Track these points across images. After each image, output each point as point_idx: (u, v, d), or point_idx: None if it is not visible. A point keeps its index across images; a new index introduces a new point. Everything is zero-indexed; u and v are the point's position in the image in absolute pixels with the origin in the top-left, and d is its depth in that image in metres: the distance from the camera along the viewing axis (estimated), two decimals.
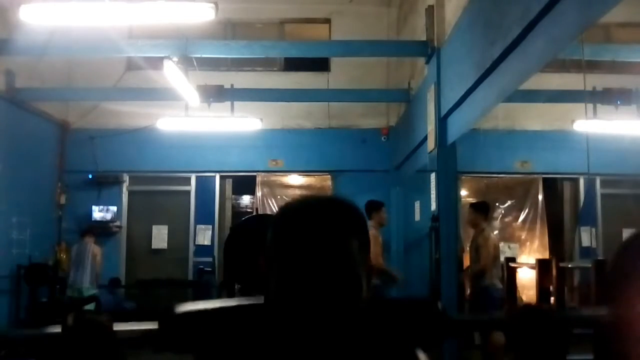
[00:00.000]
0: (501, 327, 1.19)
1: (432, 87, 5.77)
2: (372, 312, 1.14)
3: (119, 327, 1.11)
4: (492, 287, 5.74)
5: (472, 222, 6.34)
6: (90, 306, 7.15)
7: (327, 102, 9.19)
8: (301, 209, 1.09)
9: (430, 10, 5.96)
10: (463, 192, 8.70)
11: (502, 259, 6.11)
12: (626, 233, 4.18)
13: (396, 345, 1.14)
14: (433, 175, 5.75)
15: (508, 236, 8.99)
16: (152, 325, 1.17)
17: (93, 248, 7.85)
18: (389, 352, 1.13)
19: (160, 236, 9.35)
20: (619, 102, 7.12)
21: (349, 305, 1.03)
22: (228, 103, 7.89)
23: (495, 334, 5.76)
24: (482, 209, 6.40)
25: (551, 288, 4.83)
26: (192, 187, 9.56)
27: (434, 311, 1.22)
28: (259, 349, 1.09)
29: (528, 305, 1.17)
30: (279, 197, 9.52)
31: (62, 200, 9.17)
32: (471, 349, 6.41)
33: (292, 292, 1.03)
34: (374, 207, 6.48)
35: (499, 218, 9.03)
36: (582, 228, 8.61)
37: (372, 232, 5.65)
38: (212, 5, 4.68)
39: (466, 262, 6.54)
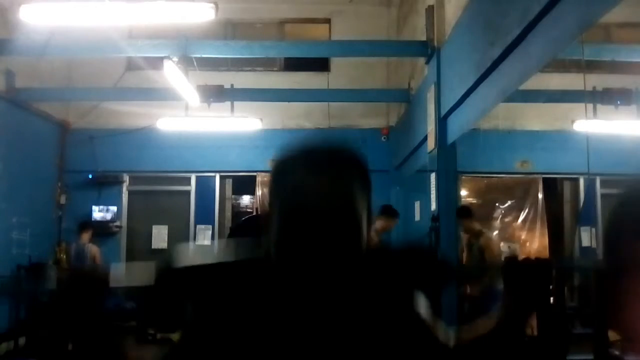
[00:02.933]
0: (496, 275, 1.28)
1: (432, 87, 5.77)
2: (372, 260, 1.14)
3: (115, 283, 1.11)
4: (495, 288, 5.76)
5: (465, 228, 6.35)
6: None
7: (327, 102, 9.19)
8: (301, 157, 1.07)
9: (430, 10, 5.96)
10: (463, 192, 8.70)
11: (501, 259, 6.12)
12: None
13: (395, 291, 1.15)
14: (433, 175, 5.75)
15: (508, 236, 8.98)
16: (148, 281, 1.16)
17: (91, 249, 7.85)
18: (388, 298, 1.13)
19: (160, 236, 9.35)
20: (619, 102, 7.11)
21: (350, 255, 1.02)
22: (228, 103, 7.89)
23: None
24: (465, 213, 6.33)
25: (551, 287, 4.84)
26: (192, 187, 9.56)
27: (433, 258, 1.25)
28: (258, 301, 1.08)
29: (519, 257, 1.25)
30: None
31: (62, 200, 9.17)
32: None
33: (291, 243, 1.01)
34: (390, 213, 6.44)
35: (499, 218, 9.03)
36: (582, 228, 8.60)
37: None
38: (212, 5, 4.68)
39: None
